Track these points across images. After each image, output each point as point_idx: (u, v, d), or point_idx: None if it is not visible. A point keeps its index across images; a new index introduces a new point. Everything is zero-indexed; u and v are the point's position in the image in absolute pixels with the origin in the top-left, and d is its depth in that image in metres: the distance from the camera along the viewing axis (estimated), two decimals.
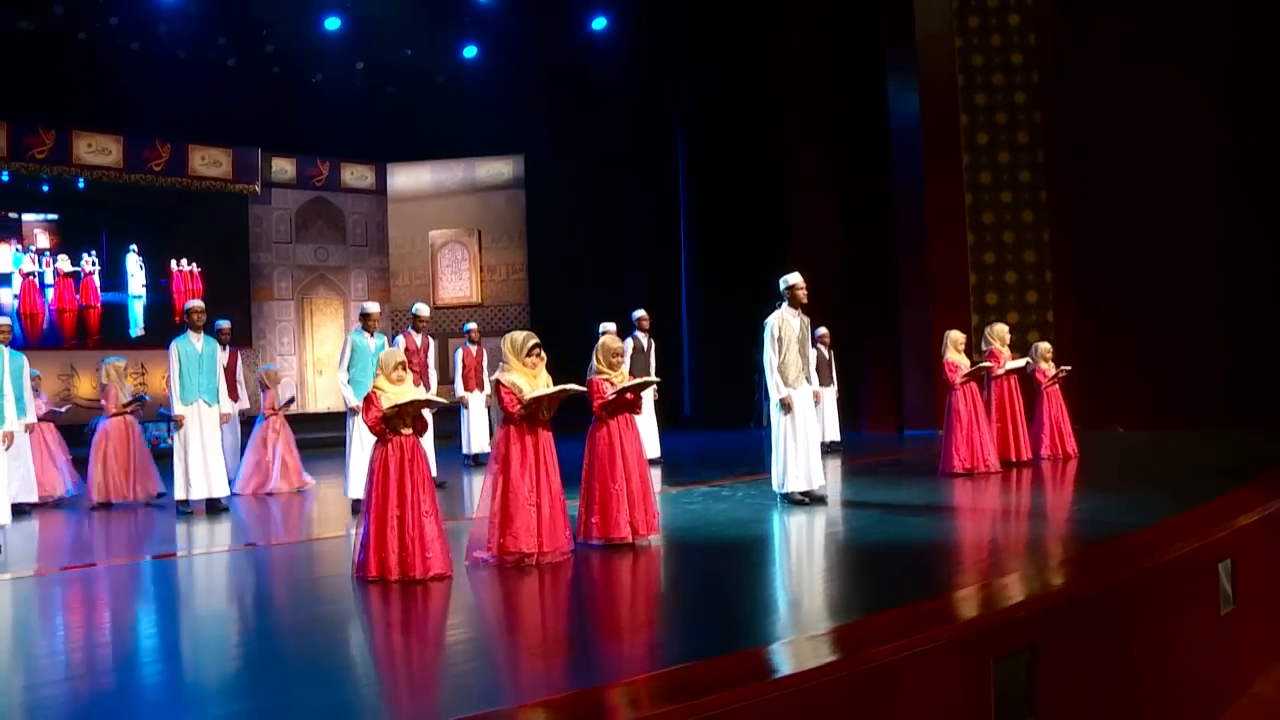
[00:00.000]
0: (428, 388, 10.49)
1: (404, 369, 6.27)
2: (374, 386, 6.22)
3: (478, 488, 7.26)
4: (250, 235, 18.15)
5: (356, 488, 8.80)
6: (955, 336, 10.32)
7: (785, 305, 8.58)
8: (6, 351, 9.51)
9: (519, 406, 6.37)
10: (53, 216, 16.41)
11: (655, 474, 11.30)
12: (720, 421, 17.59)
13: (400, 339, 10.50)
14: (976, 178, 15.16)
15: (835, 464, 12.15)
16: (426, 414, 6.37)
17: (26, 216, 16.23)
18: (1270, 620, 6.91)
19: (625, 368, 11.90)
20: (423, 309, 10.67)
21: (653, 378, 7.08)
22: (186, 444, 9.03)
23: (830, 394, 13.15)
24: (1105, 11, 14.94)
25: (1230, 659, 6.48)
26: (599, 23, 17.88)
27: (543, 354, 6.60)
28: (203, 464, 9.02)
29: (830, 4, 16.71)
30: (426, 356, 10.52)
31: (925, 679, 4.27)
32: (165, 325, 15.36)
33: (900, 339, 15.53)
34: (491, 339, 19.57)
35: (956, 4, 15.15)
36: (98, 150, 16.25)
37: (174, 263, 17.00)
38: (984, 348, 10.93)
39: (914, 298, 15.31)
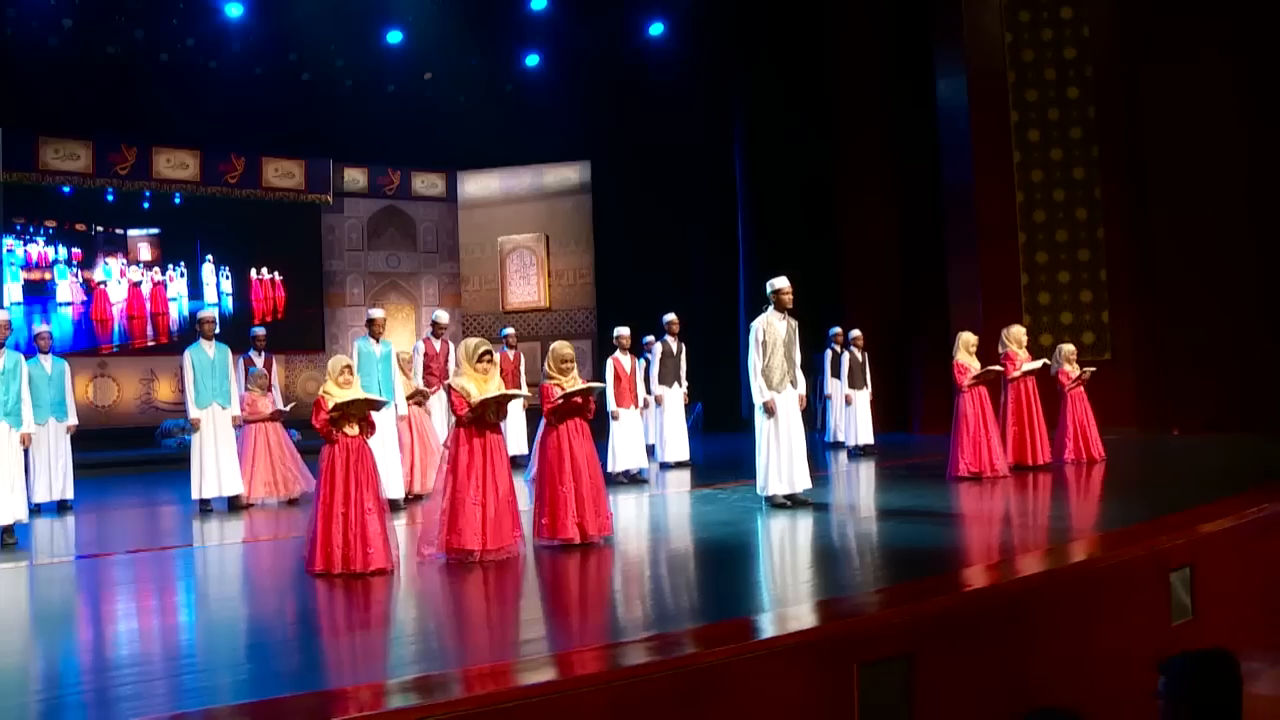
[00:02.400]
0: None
1: (350, 373, 6.59)
2: (322, 390, 6.56)
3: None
4: (323, 243, 18.86)
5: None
6: (967, 338, 10.18)
7: (771, 309, 8.61)
8: (49, 358, 10.25)
9: (467, 409, 6.62)
10: (154, 231, 17.38)
11: (684, 476, 11.47)
12: None
13: (420, 345, 10.84)
14: (1028, 175, 14.82)
15: (868, 466, 12.09)
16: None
17: (131, 231, 17.24)
18: (1238, 633, 6.65)
19: (654, 370, 12.28)
20: (442, 315, 11.00)
21: (596, 384, 7.20)
22: (202, 446, 9.53)
23: (864, 397, 13.06)
24: (1162, 1, 14.43)
25: None
26: (656, 28, 18.03)
27: (495, 359, 6.85)
28: (216, 464, 9.51)
29: (884, 4, 16.55)
30: (446, 362, 10.83)
31: (770, 680, 4.34)
32: (232, 332, 16.02)
33: (952, 339, 15.21)
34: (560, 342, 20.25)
35: None
36: (176, 165, 17.15)
37: (253, 271, 17.78)
38: (1000, 350, 10.72)
39: (965, 298, 15.02)
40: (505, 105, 19.15)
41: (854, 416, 12.91)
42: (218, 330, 10.30)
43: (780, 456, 8.45)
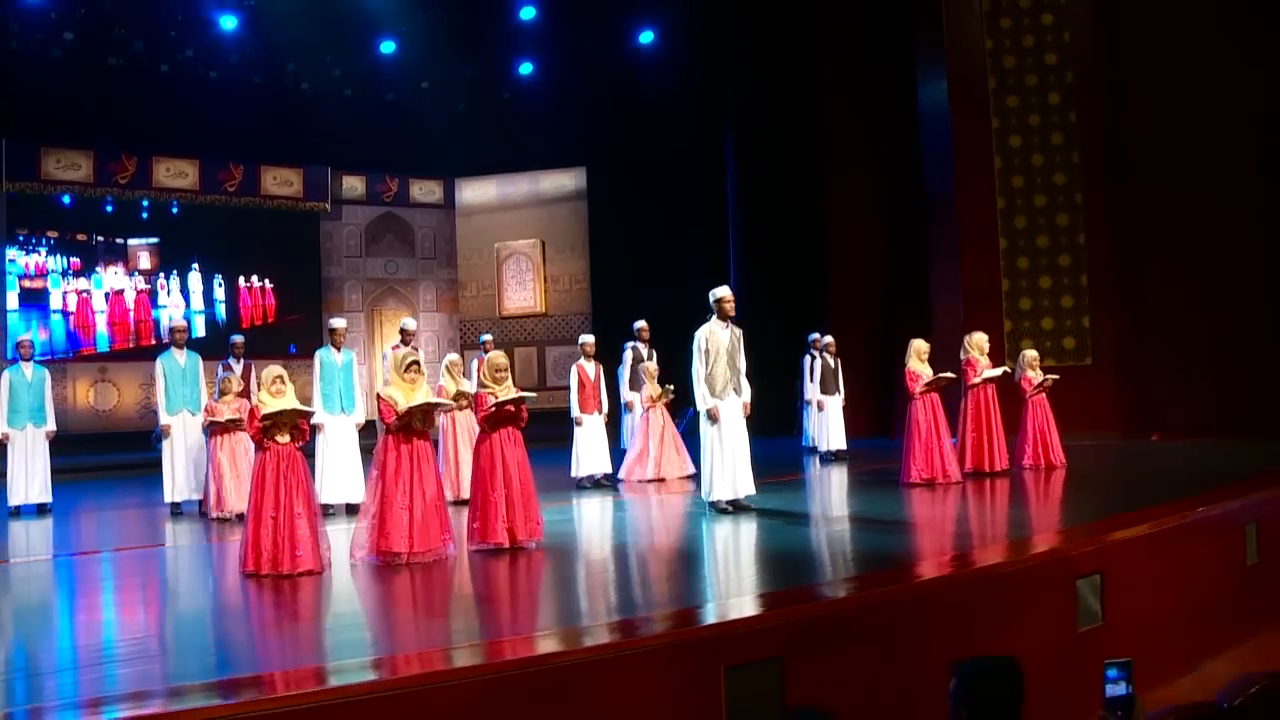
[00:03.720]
0: None
1: (282, 383, 6.82)
2: (255, 399, 6.80)
3: None
4: (321, 250, 19.15)
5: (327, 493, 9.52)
6: (919, 346, 10.32)
7: (714, 318, 8.76)
8: (30, 365, 10.59)
9: (395, 418, 6.85)
10: (154, 240, 17.72)
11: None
12: (766, 430, 17.59)
13: (389, 352, 11.02)
14: (1009, 181, 14.87)
15: (833, 471, 12.24)
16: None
17: (131, 241, 17.61)
18: (1151, 639, 6.72)
19: (625, 377, 12.46)
20: (409, 323, 11.22)
21: (528, 394, 7.40)
22: (173, 451, 9.82)
23: (836, 403, 13.17)
24: (1145, 5, 14.43)
25: (1089, 677, 6.37)
26: (646, 36, 18.20)
27: (422, 370, 7.09)
28: (186, 469, 9.81)
29: (870, 11, 16.67)
30: None
31: (632, 681, 4.50)
32: (215, 339, 16.33)
33: (933, 345, 15.29)
34: (555, 347, 20.49)
35: (987, 6, 14.90)
36: (175, 174, 17.49)
37: (241, 279, 18.09)
38: (962, 356, 10.82)
39: (947, 303, 15.09)
40: (502, 113, 19.38)
41: (826, 422, 13.03)
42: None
43: (724, 463, 8.60)
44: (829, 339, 13.34)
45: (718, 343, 8.68)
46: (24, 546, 9.05)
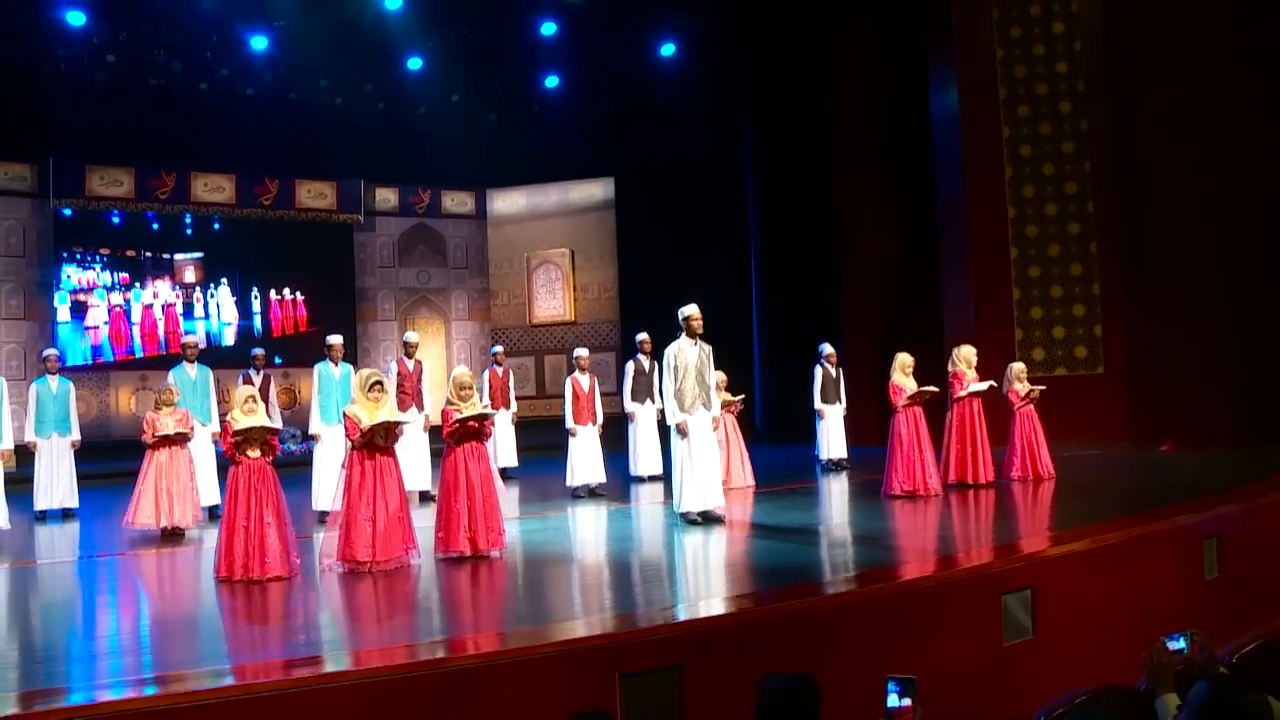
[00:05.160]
0: (420, 409, 11.47)
1: (254, 402, 7.28)
2: (229, 416, 7.26)
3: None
4: (355, 261, 19.76)
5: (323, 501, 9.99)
6: (903, 359, 10.46)
7: (684, 335, 9.05)
8: (56, 379, 11.22)
9: (359, 434, 7.25)
10: (198, 255, 18.50)
11: (650, 490, 11.92)
12: (787, 437, 17.81)
13: (393, 365, 11.49)
14: (1020, 190, 14.90)
15: (826, 482, 12.42)
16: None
17: (177, 256, 18.41)
18: (1084, 654, 6.85)
19: (628, 389, 12.76)
20: (412, 336, 11.65)
21: (489, 411, 7.77)
22: None
23: (837, 412, 13.32)
24: (1156, 14, 14.36)
25: (1014, 690, 6.53)
26: (667, 49, 18.49)
27: (385, 389, 7.47)
28: (196, 478, 10.31)
29: (882, 22, 16.79)
30: (419, 382, 11.45)
31: (525, 687, 4.82)
32: (238, 350, 17.06)
33: (944, 354, 15.38)
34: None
35: (998, 15, 14.96)
36: (213, 188, 18.21)
37: (273, 292, 18.76)
38: (949, 368, 10.95)
39: (958, 312, 15.18)
40: (531, 125, 19.83)
41: (827, 431, 13.21)
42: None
43: (694, 476, 8.87)
44: (830, 349, 13.51)
45: (686, 359, 8.96)
46: (48, 548, 9.67)
